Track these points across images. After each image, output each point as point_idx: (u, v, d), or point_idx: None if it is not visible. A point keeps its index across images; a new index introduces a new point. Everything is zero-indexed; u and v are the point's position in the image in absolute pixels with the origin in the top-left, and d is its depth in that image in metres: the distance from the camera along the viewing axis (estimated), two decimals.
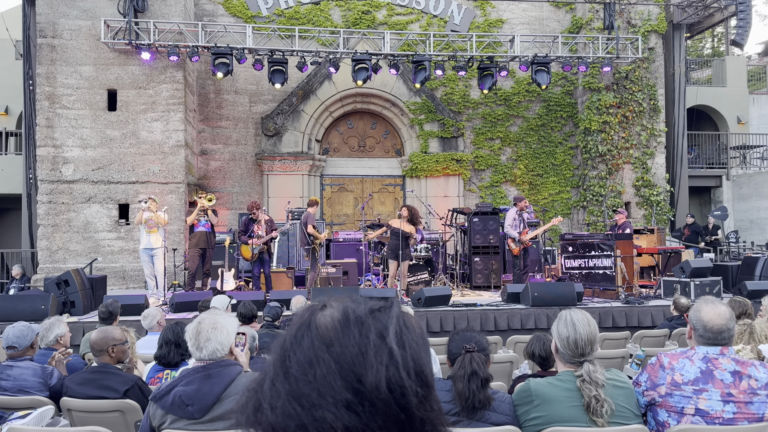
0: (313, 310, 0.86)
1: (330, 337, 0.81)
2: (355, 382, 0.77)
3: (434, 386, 0.84)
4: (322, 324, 0.82)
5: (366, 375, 0.77)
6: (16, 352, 3.86)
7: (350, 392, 0.77)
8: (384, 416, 0.77)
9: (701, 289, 8.97)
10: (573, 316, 2.70)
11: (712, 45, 31.01)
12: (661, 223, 14.38)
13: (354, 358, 0.78)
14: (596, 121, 14.52)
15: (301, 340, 0.82)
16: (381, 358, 0.79)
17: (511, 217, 10.19)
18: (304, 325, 0.84)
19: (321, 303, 0.87)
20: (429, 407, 0.81)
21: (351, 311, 0.84)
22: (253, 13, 14.39)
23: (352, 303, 0.86)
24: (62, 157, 12.14)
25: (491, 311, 8.50)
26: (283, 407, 0.78)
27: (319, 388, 0.77)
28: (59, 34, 12.22)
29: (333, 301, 0.87)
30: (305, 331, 0.83)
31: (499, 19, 15.33)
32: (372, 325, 0.82)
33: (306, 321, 0.84)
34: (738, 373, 2.58)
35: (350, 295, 0.90)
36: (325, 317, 0.83)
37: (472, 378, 2.64)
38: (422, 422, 0.80)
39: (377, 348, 0.79)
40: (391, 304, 0.87)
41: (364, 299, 0.87)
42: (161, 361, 3.82)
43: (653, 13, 14.80)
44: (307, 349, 0.80)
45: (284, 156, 14.43)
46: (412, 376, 0.80)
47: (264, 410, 0.79)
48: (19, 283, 12.38)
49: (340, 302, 0.86)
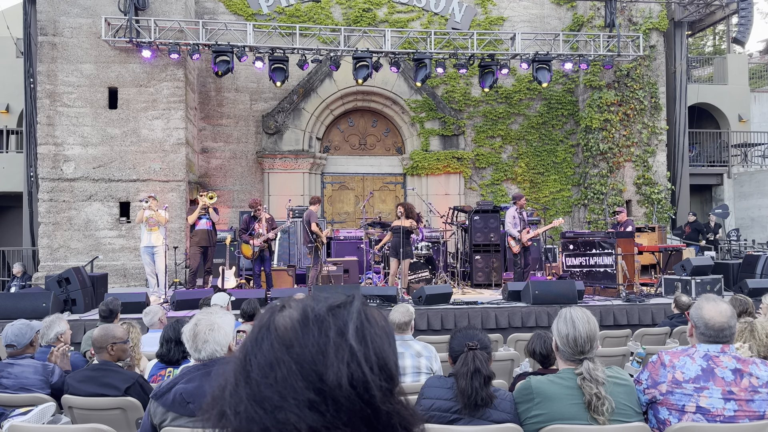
0: (273, 311, 0.85)
1: (289, 338, 0.80)
2: (316, 381, 0.77)
3: (399, 379, 0.84)
4: (282, 325, 0.82)
5: (327, 373, 0.77)
6: (15, 350, 3.86)
7: (312, 392, 0.76)
8: (349, 413, 0.77)
9: (702, 287, 8.96)
10: (573, 314, 2.70)
11: (713, 43, 30.96)
12: (662, 221, 14.37)
13: (314, 357, 0.78)
14: (597, 119, 14.51)
15: (261, 343, 0.81)
16: (342, 356, 0.78)
17: (511, 216, 10.20)
18: (263, 328, 0.83)
19: (280, 304, 0.87)
20: (395, 400, 0.81)
21: (310, 310, 0.83)
22: (254, 11, 14.38)
23: (312, 301, 0.85)
24: (63, 155, 12.15)
25: (492, 309, 8.50)
26: (246, 411, 0.77)
27: (280, 390, 0.77)
28: (60, 31, 12.21)
29: (292, 301, 0.86)
30: (265, 333, 0.82)
31: (500, 16, 15.31)
32: (332, 323, 0.81)
33: (265, 323, 0.83)
34: (739, 371, 2.58)
35: (312, 294, 0.89)
36: (284, 318, 0.83)
37: (475, 375, 2.64)
38: (389, 415, 0.79)
39: (337, 345, 0.79)
40: (352, 299, 0.86)
41: (325, 297, 0.86)
42: (163, 359, 3.83)
43: (654, 10, 14.78)
44: (267, 352, 0.80)
45: (285, 154, 14.43)
46: (375, 370, 0.79)
47: (227, 416, 0.78)
48: (20, 281, 12.40)
49: (299, 302, 0.86)
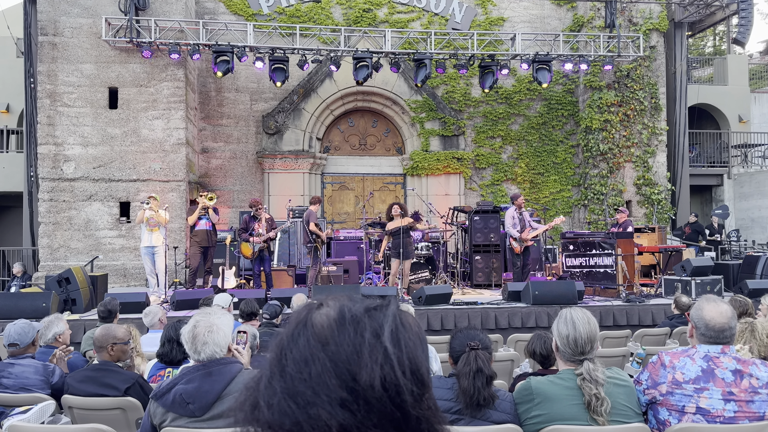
0: (310, 308, 0.87)
1: (326, 336, 0.81)
2: (350, 380, 0.78)
3: (430, 385, 0.85)
4: (318, 323, 0.83)
5: (360, 374, 0.78)
6: (18, 349, 3.86)
7: (345, 390, 0.77)
8: (379, 414, 0.77)
9: (702, 287, 8.96)
10: (573, 315, 2.70)
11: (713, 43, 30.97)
12: (662, 222, 14.37)
13: (349, 356, 0.79)
14: (597, 119, 14.51)
15: (298, 339, 0.82)
16: (376, 357, 0.79)
17: (510, 216, 10.18)
18: (300, 324, 0.84)
19: (318, 301, 0.88)
20: (425, 406, 0.82)
21: (347, 310, 0.84)
22: (254, 11, 14.38)
23: (349, 302, 0.86)
24: (63, 155, 12.15)
25: (492, 309, 8.50)
26: (279, 405, 0.78)
27: (314, 386, 0.78)
28: (60, 31, 12.21)
29: (330, 299, 0.88)
30: (301, 329, 0.83)
31: (501, 17, 15.31)
32: (368, 324, 0.82)
33: (302, 319, 0.85)
34: (739, 372, 2.58)
35: (348, 294, 0.90)
36: (321, 316, 0.84)
37: (478, 375, 2.64)
38: (418, 421, 0.80)
39: (372, 347, 0.80)
40: (388, 302, 0.87)
41: (362, 298, 0.87)
42: (163, 359, 3.83)
43: (655, 11, 14.78)
44: (303, 348, 0.81)
45: (285, 154, 14.43)
46: (407, 374, 0.80)
47: (261, 408, 0.80)
48: (21, 281, 12.40)
49: (337, 301, 0.87)
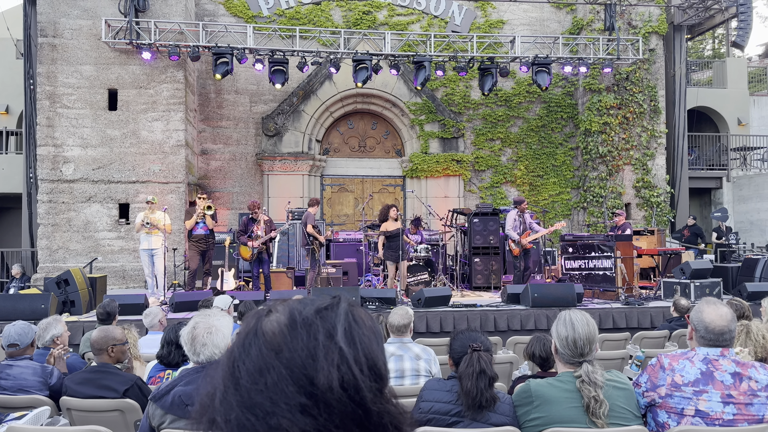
0: (259, 316, 0.84)
1: (278, 343, 0.79)
2: (307, 385, 0.76)
3: (388, 377, 0.84)
4: (269, 330, 0.81)
5: (318, 377, 0.76)
6: (18, 350, 3.85)
7: (304, 396, 0.76)
8: (341, 415, 0.77)
9: (701, 290, 8.97)
10: (572, 316, 2.70)
11: (712, 46, 31.01)
12: (661, 225, 14.38)
13: (304, 361, 0.78)
14: (597, 122, 14.52)
15: (249, 349, 0.80)
16: (331, 359, 0.78)
17: (512, 219, 10.18)
18: (250, 333, 0.82)
19: (266, 308, 0.86)
20: (384, 399, 0.81)
21: (297, 313, 0.82)
22: (254, 13, 14.39)
23: (299, 305, 0.84)
24: (63, 156, 12.15)
25: (491, 312, 8.50)
26: (237, 419, 0.76)
27: (271, 396, 0.76)
28: (60, 33, 12.22)
29: (279, 304, 0.86)
30: (252, 338, 0.81)
31: (500, 19, 15.33)
32: (320, 326, 0.81)
33: (252, 328, 0.83)
34: (738, 375, 2.58)
35: (298, 297, 0.88)
36: (271, 323, 0.82)
37: (480, 376, 2.64)
38: (380, 415, 0.79)
39: (327, 348, 0.78)
40: (338, 301, 0.86)
41: (311, 299, 0.86)
42: (162, 361, 3.82)
43: (654, 14, 14.81)
44: (256, 357, 0.79)
45: (284, 156, 14.43)
46: (365, 371, 0.79)
47: (218, 424, 0.78)
48: (19, 283, 12.38)
49: (286, 305, 0.85)
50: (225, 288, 9.67)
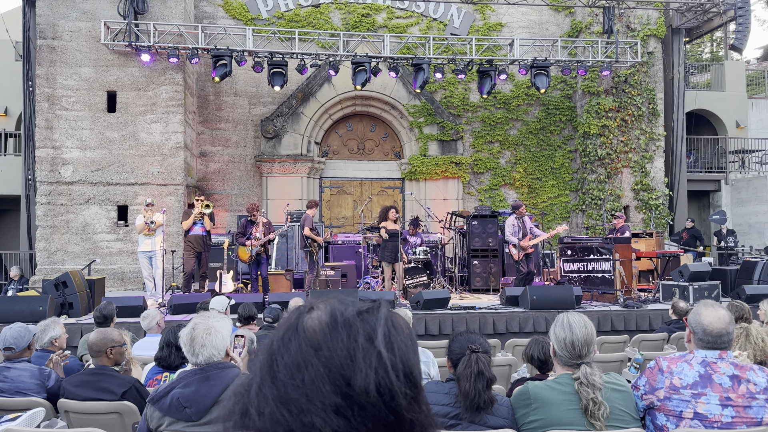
0: (301, 312, 0.84)
1: (318, 341, 0.79)
2: (344, 386, 0.76)
3: (422, 387, 0.84)
4: (310, 327, 0.81)
5: (355, 378, 0.76)
6: (14, 353, 3.84)
7: (339, 396, 0.76)
8: (373, 419, 0.76)
9: (700, 293, 8.97)
10: (569, 318, 2.70)
11: (711, 49, 31.07)
12: (659, 227, 14.39)
13: (342, 361, 0.77)
14: (595, 124, 14.54)
15: (289, 344, 0.80)
16: (370, 361, 0.77)
17: (511, 224, 10.15)
18: (291, 328, 0.82)
19: (308, 305, 0.86)
20: (418, 408, 0.81)
21: (339, 313, 0.82)
22: (253, 16, 14.40)
23: (340, 305, 0.84)
24: (61, 158, 12.14)
25: (490, 314, 8.50)
26: (271, 413, 0.76)
27: (307, 393, 0.76)
28: (59, 35, 12.22)
29: (320, 303, 0.86)
30: (292, 334, 0.81)
31: (499, 22, 15.35)
32: (360, 328, 0.80)
33: (293, 324, 0.83)
34: (737, 378, 2.58)
35: (338, 297, 0.88)
36: (312, 320, 0.82)
37: (479, 378, 2.64)
38: (411, 423, 0.79)
39: (366, 351, 0.78)
40: (379, 305, 0.86)
41: (352, 301, 0.86)
42: (161, 363, 3.81)
43: (652, 17, 14.84)
44: (295, 353, 0.79)
45: (283, 158, 14.43)
46: (401, 378, 0.79)
47: (251, 416, 0.77)
48: (18, 285, 12.36)
49: (327, 304, 0.85)
50: (223, 290, 9.65)
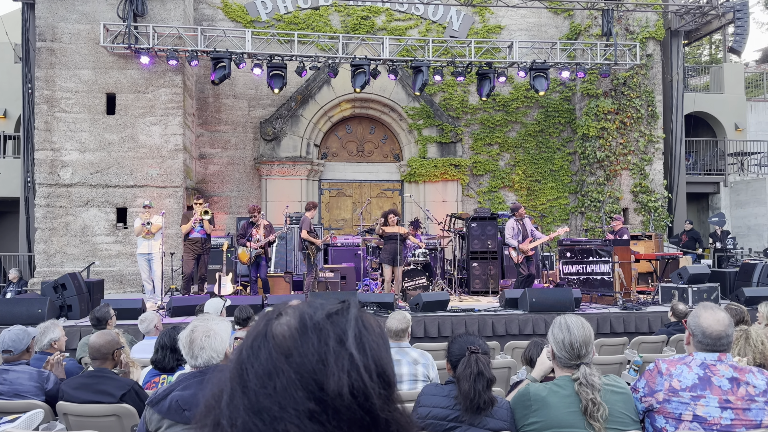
0: (269, 318, 0.83)
1: (288, 347, 0.78)
2: (317, 391, 0.75)
3: (396, 385, 0.83)
4: (279, 333, 0.79)
5: (328, 383, 0.75)
6: (12, 356, 3.83)
7: (313, 402, 0.75)
8: (349, 422, 0.75)
9: (699, 295, 8.97)
10: (567, 320, 2.71)
11: (709, 52, 31.13)
12: (658, 230, 14.40)
13: (314, 366, 0.76)
14: (594, 127, 14.55)
15: (258, 352, 0.79)
16: (342, 365, 0.76)
17: (510, 227, 10.14)
18: (260, 336, 0.80)
19: (276, 311, 0.84)
20: (392, 407, 0.80)
21: (308, 317, 0.81)
22: (253, 18, 14.42)
23: (309, 308, 0.83)
24: (60, 160, 12.14)
25: (489, 317, 8.49)
26: (244, 423, 0.75)
27: (279, 401, 0.75)
28: (58, 37, 12.22)
29: (289, 308, 0.84)
30: (262, 341, 0.79)
31: (498, 25, 15.37)
32: (331, 331, 0.79)
33: (262, 331, 0.81)
34: (736, 380, 2.58)
35: (308, 300, 0.87)
36: (281, 326, 0.80)
37: (479, 378, 2.64)
38: (387, 423, 0.78)
39: (337, 354, 0.77)
40: (348, 305, 0.84)
41: (321, 303, 0.84)
42: (157, 365, 3.80)
43: (651, 20, 14.86)
44: (265, 361, 0.77)
45: (283, 160, 14.43)
46: (374, 378, 0.78)
47: (223, 427, 0.76)
48: (16, 287, 12.35)
49: (296, 309, 0.83)
50: (222, 292, 9.64)
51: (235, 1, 14.40)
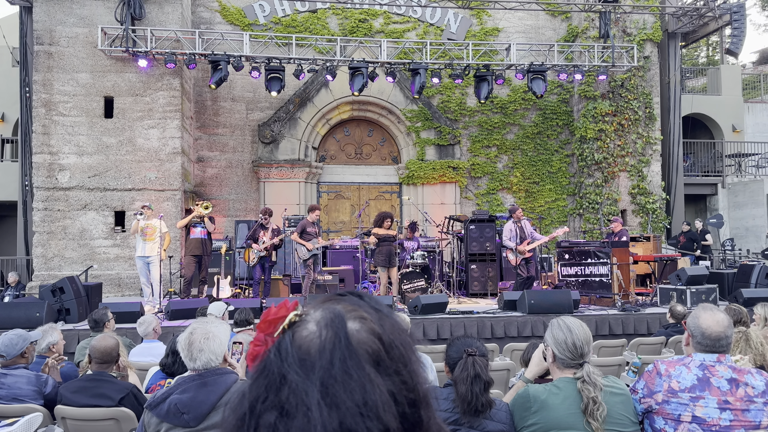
0: (342, 325, 0.79)
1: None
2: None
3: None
4: (362, 340, 0.80)
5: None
6: (5, 360, 3.80)
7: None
8: None
9: (697, 296, 8.98)
10: (566, 321, 2.71)
11: (707, 54, 31.21)
12: (657, 231, 14.42)
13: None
14: (592, 129, 14.58)
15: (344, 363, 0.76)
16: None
17: (508, 229, 10.14)
18: (338, 343, 0.76)
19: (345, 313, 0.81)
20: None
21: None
22: (250, 21, 14.43)
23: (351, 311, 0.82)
24: (58, 164, 12.12)
25: (488, 319, 8.49)
26: None
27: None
28: (56, 41, 12.22)
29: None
30: (343, 351, 0.76)
31: (495, 27, 15.40)
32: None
33: (339, 338, 0.77)
34: (735, 381, 2.58)
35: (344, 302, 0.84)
36: (360, 333, 0.80)
37: (476, 381, 2.63)
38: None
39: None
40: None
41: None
42: (166, 369, 3.79)
43: (648, 21, 14.90)
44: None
45: (281, 163, 14.43)
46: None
47: None
48: (14, 291, 12.33)
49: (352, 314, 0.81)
50: (221, 295, 9.64)
51: (233, 4, 14.41)
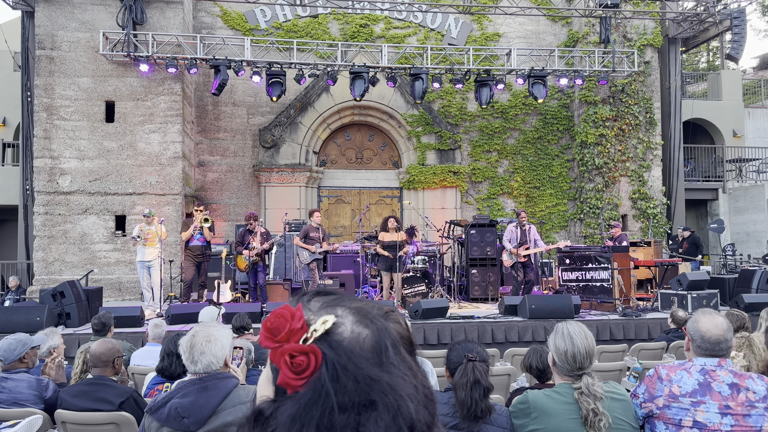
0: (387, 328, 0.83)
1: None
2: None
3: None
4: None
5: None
6: (4, 365, 3.79)
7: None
8: None
9: (698, 301, 8.97)
10: (570, 330, 2.68)
11: (707, 59, 31.24)
12: (657, 236, 14.40)
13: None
14: (592, 134, 14.59)
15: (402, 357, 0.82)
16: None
17: (509, 230, 10.15)
18: (389, 341, 0.81)
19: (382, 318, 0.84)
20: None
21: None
22: (252, 26, 14.47)
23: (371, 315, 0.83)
24: (59, 168, 12.14)
25: (489, 323, 8.48)
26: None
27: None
28: (58, 45, 12.25)
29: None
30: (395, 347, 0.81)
31: (496, 32, 15.43)
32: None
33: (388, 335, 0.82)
34: (736, 386, 2.57)
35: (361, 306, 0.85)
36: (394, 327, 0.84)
37: (475, 386, 2.63)
38: None
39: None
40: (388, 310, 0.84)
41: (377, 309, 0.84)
42: (164, 373, 3.79)
43: (649, 27, 14.93)
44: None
45: (282, 168, 14.45)
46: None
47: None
48: (15, 295, 12.33)
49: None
50: (221, 300, 9.63)
51: (234, 9, 14.45)
